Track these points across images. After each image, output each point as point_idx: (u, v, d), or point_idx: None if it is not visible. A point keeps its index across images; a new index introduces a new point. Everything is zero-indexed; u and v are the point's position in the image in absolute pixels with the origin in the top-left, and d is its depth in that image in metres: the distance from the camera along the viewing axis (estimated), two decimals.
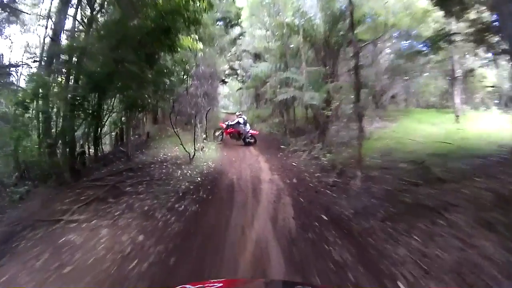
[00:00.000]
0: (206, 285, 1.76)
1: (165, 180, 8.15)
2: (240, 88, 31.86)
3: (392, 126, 11.96)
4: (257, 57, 23.82)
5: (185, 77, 12.16)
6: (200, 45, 10.76)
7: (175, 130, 11.52)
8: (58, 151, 9.90)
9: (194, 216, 5.90)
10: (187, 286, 1.77)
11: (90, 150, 17.09)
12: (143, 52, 9.09)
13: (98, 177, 8.70)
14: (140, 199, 6.73)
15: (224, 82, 33.65)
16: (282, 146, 12.51)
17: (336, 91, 11.45)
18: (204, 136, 13.38)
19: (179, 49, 9.43)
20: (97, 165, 12.19)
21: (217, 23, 18.65)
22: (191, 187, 7.61)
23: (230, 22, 21.09)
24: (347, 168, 7.77)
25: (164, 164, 9.89)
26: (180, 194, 7.00)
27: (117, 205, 6.41)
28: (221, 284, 1.84)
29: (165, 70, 10.62)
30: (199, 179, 8.37)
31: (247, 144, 14.29)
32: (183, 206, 6.31)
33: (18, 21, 12.46)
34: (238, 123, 14.62)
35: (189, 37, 9.66)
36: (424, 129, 11.13)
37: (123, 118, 16.66)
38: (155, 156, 11.20)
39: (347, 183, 6.98)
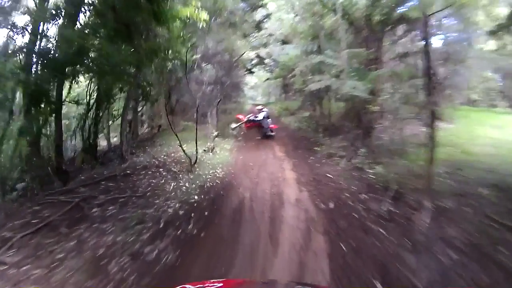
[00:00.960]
0: (206, 285, 1.66)
1: (149, 197, 6.05)
2: (268, 79, 29.61)
3: (448, 128, 9.35)
4: (284, 43, 21.47)
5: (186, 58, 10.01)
6: (204, 15, 8.62)
7: (172, 125, 9.56)
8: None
9: (168, 273, 3.69)
10: (187, 286, 1.67)
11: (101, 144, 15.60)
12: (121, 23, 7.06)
13: (69, 188, 6.81)
14: (102, 231, 4.68)
15: (250, 71, 31.70)
16: (314, 148, 10.21)
17: (385, 80, 9.02)
18: (215, 133, 11.17)
19: (170, 20, 7.29)
20: (92, 165, 10.53)
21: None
22: (181, 212, 5.37)
23: (253, 3, 18.90)
24: (405, 190, 5.42)
25: (159, 170, 7.84)
26: (161, 226, 4.80)
27: (66, 240, 4.43)
28: (221, 284, 1.72)
29: (156, 49, 8.57)
30: (196, 197, 6.10)
31: (267, 137, 12.60)
32: (156, 252, 4.10)
33: None
34: (264, 118, 12.79)
35: (188, 5, 7.53)
36: (488, 133, 8.65)
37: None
38: (154, 158, 9.20)
39: (409, 217, 4.64)
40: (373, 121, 8.57)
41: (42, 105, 7.52)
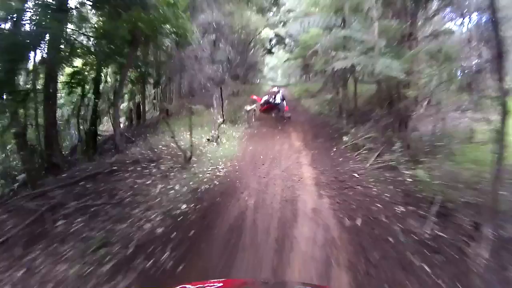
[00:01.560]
0: (206, 285, 1.62)
1: (127, 205, 4.86)
2: (288, 59, 28.01)
3: (493, 119, 7.79)
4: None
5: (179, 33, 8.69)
6: None
7: (166, 110, 8.42)
8: None
9: None
10: (187, 286, 1.63)
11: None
12: None
13: (43, 190, 5.74)
14: (57, 255, 3.56)
15: (270, 52, 30.22)
16: (337, 137, 8.89)
17: (423, 60, 7.55)
18: (221, 120, 9.91)
19: None
20: (89, 156, 9.67)
21: None
22: (160, 230, 4.09)
23: None
24: (455, 204, 4.04)
25: (151, 165, 6.70)
26: (129, 252, 3.58)
27: (17, 267, 3.39)
28: (221, 284, 1.67)
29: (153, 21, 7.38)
30: (184, 206, 4.81)
31: (283, 119, 11.84)
32: None
33: None
34: (282, 99, 12.04)
35: None
36: None
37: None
38: (150, 148, 8.10)
39: (461, 247, 3.38)
40: (410, 108, 7.15)
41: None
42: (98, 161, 8.14)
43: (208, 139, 8.67)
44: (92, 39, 9.15)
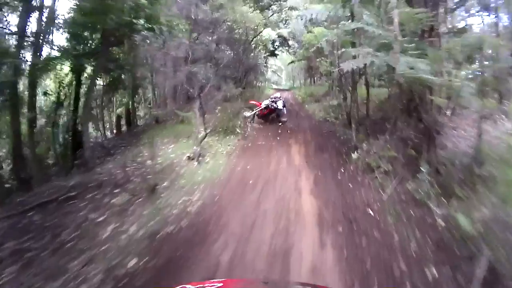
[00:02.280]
0: (206, 285, 1.62)
1: (65, 253, 3.55)
2: (292, 62, 26.66)
3: None
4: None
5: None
6: None
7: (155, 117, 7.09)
8: None
9: None
10: (187, 286, 1.62)
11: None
12: None
13: None
14: None
15: (273, 54, 28.96)
16: (345, 152, 7.48)
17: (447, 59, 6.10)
18: (203, 133, 8.31)
19: None
20: (66, 169, 8.51)
21: None
22: None
23: None
24: (507, 268, 2.74)
25: (114, 191, 5.34)
26: None
27: None
28: (221, 284, 1.66)
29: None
30: (133, 261, 3.42)
31: (281, 122, 11.28)
32: None
33: None
34: (283, 105, 11.58)
35: None
36: None
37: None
38: (122, 166, 6.71)
39: None
40: (438, 119, 5.72)
41: None
42: (71, 177, 6.85)
43: (188, 157, 7.25)
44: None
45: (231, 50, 16.96)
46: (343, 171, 6.38)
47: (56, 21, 8.52)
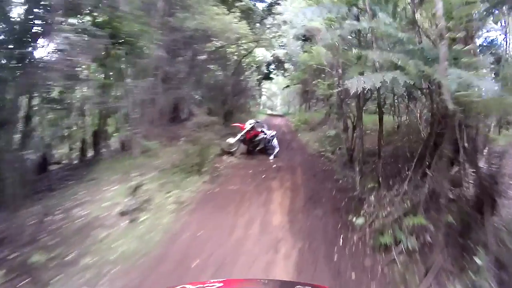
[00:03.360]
0: (206, 285, 1.55)
1: None
2: (288, 86, 24.82)
3: None
4: (306, 40, 16.54)
5: None
6: None
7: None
8: None
9: None
10: (187, 286, 1.55)
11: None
12: None
13: None
14: None
15: (268, 77, 27.23)
16: (343, 204, 5.28)
17: None
18: (137, 180, 6.03)
19: None
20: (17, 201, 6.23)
21: None
22: None
23: None
24: None
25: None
26: None
27: None
28: (221, 284, 1.59)
29: None
30: None
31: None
32: None
33: None
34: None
35: None
36: None
37: None
38: (43, 215, 4.60)
39: None
40: (501, 167, 3.50)
41: None
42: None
43: (122, 212, 4.99)
44: None
45: (216, 69, 15.06)
46: (342, 244, 4.10)
47: None
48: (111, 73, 10.65)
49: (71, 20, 7.51)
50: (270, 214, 5.23)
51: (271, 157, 9.33)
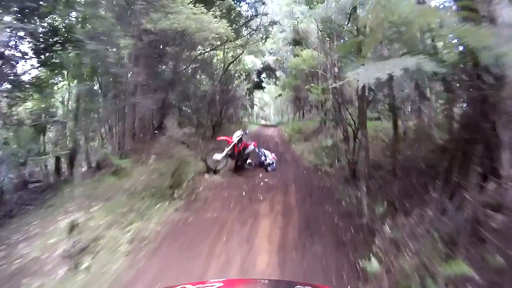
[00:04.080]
0: (206, 285, 1.56)
1: None
2: (280, 95, 23.80)
3: None
4: (297, 44, 15.56)
5: None
6: None
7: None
8: None
9: None
10: (187, 286, 1.53)
11: None
12: None
13: None
14: None
15: (260, 86, 26.26)
16: (349, 238, 4.08)
17: None
18: (73, 216, 4.62)
19: None
20: None
21: None
22: None
23: None
24: None
25: None
26: None
27: None
28: (221, 284, 1.60)
29: None
30: None
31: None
32: None
33: None
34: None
35: None
36: None
37: None
38: None
39: None
40: None
41: None
42: None
43: (65, 254, 3.81)
44: None
45: (202, 78, 13.97)
46: None
47: None
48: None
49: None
50: (254, 253, 3.99)
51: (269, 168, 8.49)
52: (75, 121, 11.76)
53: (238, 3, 12.95)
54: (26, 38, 8.26)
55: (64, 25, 9.13)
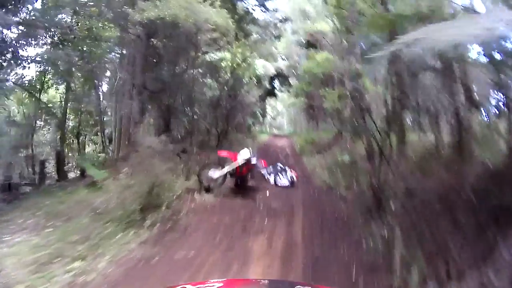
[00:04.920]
0: (206, 285, 1.49)
1: None
2: (293, 103, 22.41)
3: None
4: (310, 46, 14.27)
5: None
6: None
7: None
8: None
9: None
10: (187, 286, 1.49)
11: None
12: None
13: None
14: None
15: (273, 94, 24.95)
16: None
17: None
18: None
19: None
20: None
21: None
22: None
23: None
24: None
25: None
26: None
27: None
28: (221, 284, 1.53)
29: None
30: None
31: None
32: None
33: None
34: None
35: None
36: None
37: None
38: None
39: None
40: None
41: None
42: None
43: None
44: None
45: (206, 81, 12.76)
46: None
47: None
48: None
49: None
50: None
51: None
52: (61, 122, 10.78)
53: None
54: None
55: None
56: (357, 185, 6.18)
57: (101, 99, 11.74)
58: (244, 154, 6.70)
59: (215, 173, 6.65)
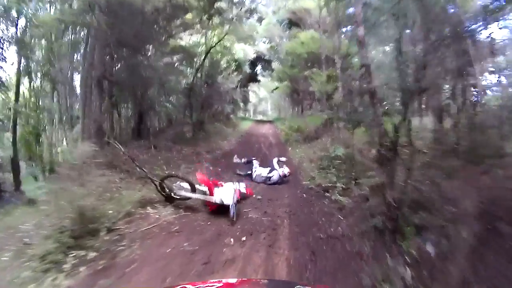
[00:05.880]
0: (206, 285, 1.55)
1: None
2: (277, 88, 21.19)
3: None
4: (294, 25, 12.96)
5: None
6: None
7: None
8: None
9: None
10: (187, 286, 1.53)
11: None
12: None
13: None
14: None
15: (255, 79, 23.81)
16: None
17: None
18: None
19: None
20: None
21: None
22: None
23: None
24: None
25: None
26: None
27: None
28: (221, 284, 1.58)
29: None
30: None
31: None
32: None
33: None
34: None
35: None
36: None
37: None
38: None
39: None
40: None
41: None
42: None
43: None
44: None
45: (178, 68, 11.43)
46: None
47: None
48: None
49: None
50: None
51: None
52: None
53: None
54: None
55: None
56: (355, 184, 4.86)
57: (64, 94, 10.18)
58: (223, 195, 4.88)
59: (181, 191, 5.17)
